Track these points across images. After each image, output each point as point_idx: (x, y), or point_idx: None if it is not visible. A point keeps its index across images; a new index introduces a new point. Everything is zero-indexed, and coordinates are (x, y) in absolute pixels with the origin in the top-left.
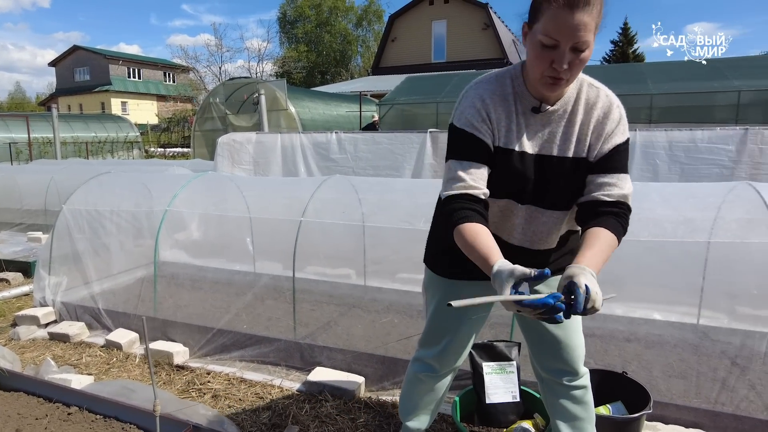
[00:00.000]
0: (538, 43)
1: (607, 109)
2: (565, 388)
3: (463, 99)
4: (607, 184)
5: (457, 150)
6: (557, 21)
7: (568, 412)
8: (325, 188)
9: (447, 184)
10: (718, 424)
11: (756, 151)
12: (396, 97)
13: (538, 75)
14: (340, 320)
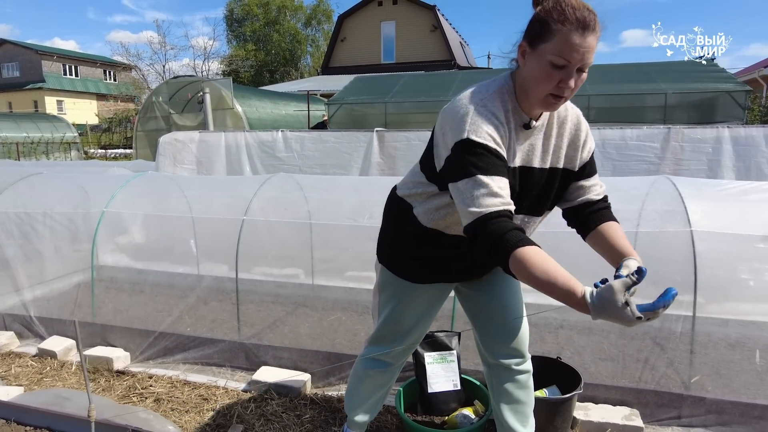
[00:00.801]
0: (547, 64)
1: (576, 120)
2: (511, 372)
3: (472, 114)
4: (592, 186)
5: (482, 165)
6: (570, 43)
7: (511, 397)
8: (269, 186)
9: (479, 200)
10: (641, 400)
11: (678, 148)
12: (345, 97)
13: (543, 94)
14: (287, 319)
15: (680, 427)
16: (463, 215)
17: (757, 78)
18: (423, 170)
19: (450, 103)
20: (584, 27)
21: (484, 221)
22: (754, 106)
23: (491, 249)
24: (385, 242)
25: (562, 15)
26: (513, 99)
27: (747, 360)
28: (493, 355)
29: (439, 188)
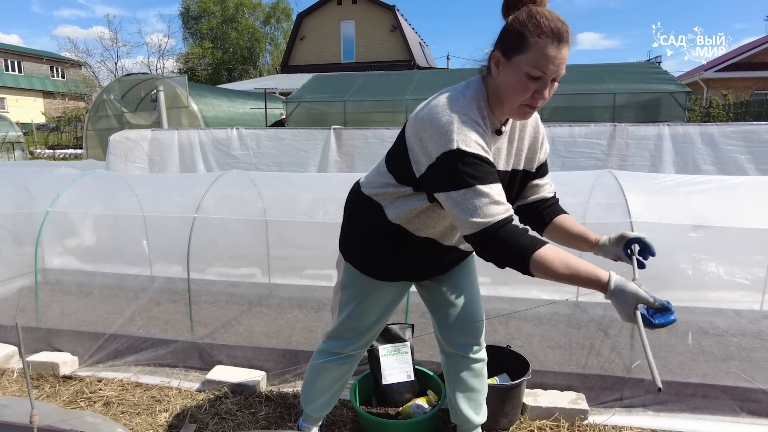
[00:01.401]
0: (524, 75)
1: (535, 124)
2: (467, 361)
3: (458, 123)
4: (545, 185)
5: (479, 175)
6: (546, 55)
7: (466, 385)
8: (222, 183)
9: (483, 209)
10: (587, 384)
11: (623, 145)
12: (303, 95)
13: (518, 104)
14: (242, 318)
15: (622, 408)
16: (463, 224)
17: (699, 81)
18: (391, 171)
19: (426, 109)
20: (559, 39)
21: (494, 230)
22: (695, 107)
23: (507, 256)
24: (351, 240)
25: (538, 27)
26: (487, 106)
27: (681, 342)
28: (450, 344)
29: (413, 189)
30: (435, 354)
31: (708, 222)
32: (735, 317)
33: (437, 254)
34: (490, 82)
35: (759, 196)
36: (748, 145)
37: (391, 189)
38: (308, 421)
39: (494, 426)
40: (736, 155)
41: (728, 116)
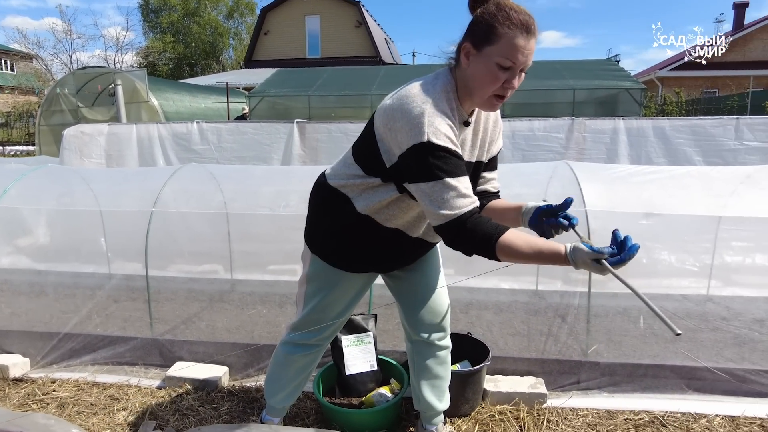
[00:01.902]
0: (494, 65)
1: (495, 116)
2: (433, 348)
3: (428, 115)
4: (492, 180)
5: (447, 168)
6: (516, 45)
7: (431, 373)
8: (180, 177)
9: (451, 202)
10: (546, 369)
11: (581, 138)
12: (266, 90)
13: (488, 94)
14: (204, 314)
15: (579, 390)
16: (433, 216)
17: (654, 79)
18: (358, 162)
19: (396, 100)
20: (527, 30)
21: (461, 222)
22: (651, 103)
23: (475, 245)
24: (318, 233)
25: (508, 19)
26: (455, 97)
27: (634, 326)
28: (416, 331)
29: (382, 180)
30: (398, 344)
31: (658, 210)
32: (683, 301)
33: (404, 245)
34: (459, 74)
35: (704, 185)
36: (696, 139)
37: (359, 180)
38: (271, 413)
39: (456, 412)
40: (685, 148)
41: (681, 113)
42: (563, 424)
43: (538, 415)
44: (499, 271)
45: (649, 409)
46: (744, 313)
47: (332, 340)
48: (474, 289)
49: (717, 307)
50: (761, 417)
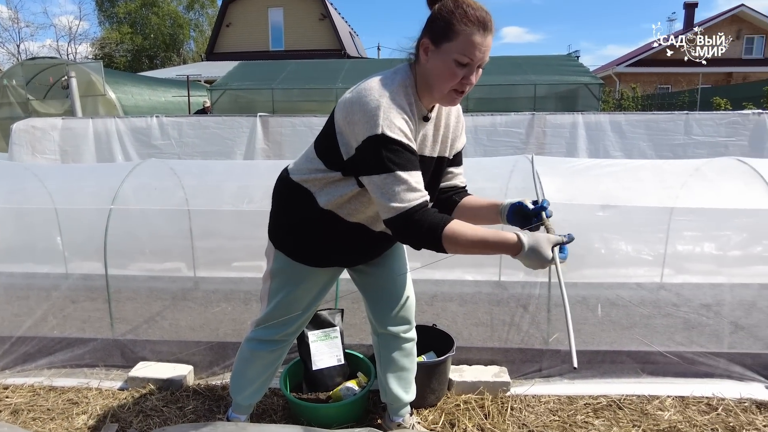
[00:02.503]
0: (452, 62)
1: (457, 113)
2: (399, 341)
3: (384, 108)
4: (459, 175)
5: (399, 161)
6: (473, 41)
7: (397, 365)
8: (139, 173)
9: (401, 195)
10: (509, 358)
11: (541, 133)
12: (228, 83)
13: (447, 90)
14: (167, 313)
15: (541, 378)
16: (383, 209)
17: (612, 75)
18: (320, 156)
19: (355, 93)
20: (484, 27)
21: (409, 215)
22: (609, 98)
23: (421, 238)
24: (281, 228)
25: (465, 16)
26: (414, 92)
27: (592, 315)
28: (382, 325)
29: (343, 174)
30: (365, 338)
31: (614, 202)
32: (638, 289)
33: (368, 240)
34: (418, 69)
35: (657, 178)
36: (650, 133)
37: (321, 175)
38: (238, 410)
39: (422, 402)
40: (640, 142)
41: (637, 107)
42: (526, 411)
43: (502, 402)
44: (464, 263)
45: (607, 393)
46: (693, 299)
47: (299, 335)
48: (439, 282)
49: (669, 294)
50: (707, 396)
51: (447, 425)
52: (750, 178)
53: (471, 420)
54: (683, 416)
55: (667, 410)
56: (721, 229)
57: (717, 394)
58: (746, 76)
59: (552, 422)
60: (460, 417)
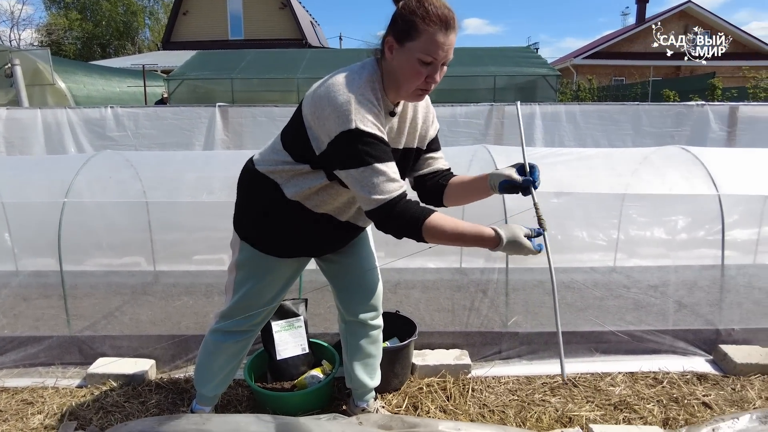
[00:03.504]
0: (416, 61)
1: (425, 105)
2: (366, 328)
3: (355, 103)
4: (440, 159)
5: (376, 154)
6: (436, 41)
7: (363, 352)
8: (94, 165)
9: (381, 186)
10: (470, 341)
11: (499, 124)
12: (186, 72)
13: (413, 88)
14: (126, 308)
15: (501, 360)
16: (364, 201)
17: (569, 67)
18: (287, 149)
19: (323, 88)
20: (447, 26)
21: (390, 206)
22: (566, 90)
23: (403, 227)
24: (247, 219)
25: (427, 15)
26: (381, 88)
27: (549, 298)
28: (349, 312)
29: (311, 167)
30: (330, 326)
31: (568, 189)
32: (591, 273)
33: (335, 230)
34: (384, 66)
35: (609, 166)
36: (603, 123)
37: (288, 167)
38: (203, 402)
39: (386, 387)
40: (594, 132)
41: (593, 99)
42: (486, 392)
43: (464, 384)
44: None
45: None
46: (642, 280)
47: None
48: (402, 270)
49: (619, 277)
50: (654, 371)
51: (410, 408)
52: (692, 166)
53: (433, 402)
54: (632, 390)
55: (618, 386)
56: (668, 214)
57: (663, 368)
58: (693, 70)
59: (511, 401)
60: (422, 400)
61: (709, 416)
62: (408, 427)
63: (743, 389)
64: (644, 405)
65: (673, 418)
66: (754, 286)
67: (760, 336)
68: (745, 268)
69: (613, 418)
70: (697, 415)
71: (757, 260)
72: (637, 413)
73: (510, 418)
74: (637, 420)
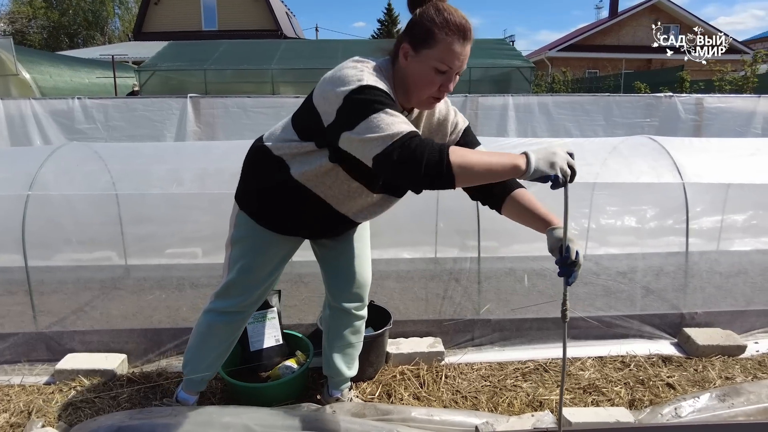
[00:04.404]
0: (431, 69)
1: (446, 110)
2: (351, 317)
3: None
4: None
5: (389, 103)
6: (453, 51)
7: (344, 340)
8: (60, 157)
9: (396, 126)
10: (443, 329)
11: (473, 115)
12: (158, 63)
13: (425, 96)
14: (97, 303)
15: (473, 346)
16: (372, 145)
17: (545, 59)
18: (295, 128)
19: (335, 70)
20: (464, 37)
21: (407, 139)
22: (541, 82)
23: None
24: (251, 191)
25: (446, 24)
26: (392, 86)
27: (520, 285)
28: (336, 299)
29: (316, 145)
30: (304, 317)
31: None
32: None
33: (332, 218)
34: (397, 71)
35: (578, 155)
36: (574, 114)
37: (294, 144)
38: (189, 388)
39: (361, 376)
40: (566, 122)
41: (567, 91)
42: (459, 378)
43: (437, 371)
44: (401, 242)
45: (535, 358)
46: (611, 267)
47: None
48: (376, 260)
49: (589, 264)
50: (622, 354)
51: (384, 396)
52: (659, 155)
53: (407, 390)
54: (601, 374)
55: (588, 370)
56: (636, 203)
57: (630, 352)
58: (664, 63)
59: (484, 387)
60: (396, 387)
61: (673, 396)
62: (381, 415)
63: (705, 370)
64: (612, 388)
65: (639, 399)
66: (716, 271)
67: (720, 318)
68: (708, 254)
69: (582, 401)
70: (662, 396)
71: (720, 246)
72: (605, 396)
73: (482, 404)
74: (605, 402)
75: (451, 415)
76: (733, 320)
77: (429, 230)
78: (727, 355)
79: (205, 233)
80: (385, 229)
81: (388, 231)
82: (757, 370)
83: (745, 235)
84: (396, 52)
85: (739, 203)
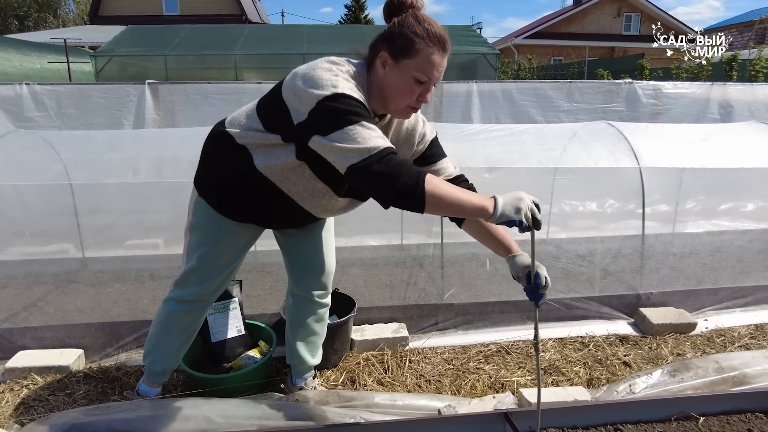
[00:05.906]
0: (411, 79)
1: (414, 121)
2: (314, 305)
3: (341, 79)
4: (443, 168)
5: (364, 114)
6: (433, 62)
7: (308, 329)
8: (5, 145)
9: (372, 140)
10: (407, 314)
11: (438, 102)
12: (115, 48)
13: (403, 105)
14: (52, 298)
15: (437, 331)
16: (349, 155)
17: (511, 46)
18: (261, 117)
19: (308, 67)
20: (443, 48)
21: (386, 156)
22: (507, 69)
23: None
24: (210, 178)
25: (427, 35)
26: (365, 93)
27: (482, 270)
28: (299, 287)
29: (282, 139)
30: (267, 307)
31: (499, 164)
32: (522, 245)
33: (295, 213)
34: (374, 78)
35: (539, 141)
36: (538, 100)
37: (259, 135)
38: (151, 379)
39: (325, 363)
40: (529, 109)
41: (532, 77)
42: (423, 363)
43: (401, 356)
44: (367, 229)
45: (497, 341)
46: (570, 250)
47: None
48: (341, 248)
49: (550, 247)
50: (581, 335)
51: (348, 382)
52: (617, 140)
53: (371, 375)
54: (561, 354)
55: (548, 351)
56: (596, 187)
57: (589, 333)
58: (626, 51)
59: (447, 371)
60: (360, 373)
61: (628, 374)
62: (345, 401)
63: (658, 347)
64: (571, 368)
65: (597, 378)
66: (670, 253)
67: (674, 298)
68: (663, 236)
69: (542, 382)
70: (618, 374)
71: (676, 229)
72: (565, 375)
73: (446, 387)
74: (564, 382)
75: (415, 399)
76: (685, 299)
77: (395, 217)
78: (680, 332)
79: (165, 224)
80: (350, 217)
81: (354, 218)
82: (706, 345)
83: (698, 217)
84: (372, 59)
85: (693, 187)
